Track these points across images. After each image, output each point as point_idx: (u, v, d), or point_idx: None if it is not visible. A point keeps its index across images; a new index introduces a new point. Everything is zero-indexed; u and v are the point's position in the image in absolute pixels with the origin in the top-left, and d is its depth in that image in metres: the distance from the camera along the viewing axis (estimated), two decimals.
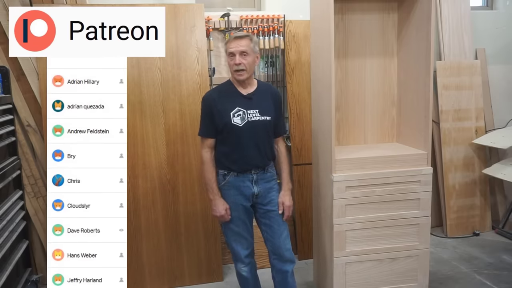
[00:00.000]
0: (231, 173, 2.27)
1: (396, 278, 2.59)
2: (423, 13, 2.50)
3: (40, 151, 3.01)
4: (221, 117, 2.21)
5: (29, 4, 2.85)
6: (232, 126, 2.20)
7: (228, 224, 2.35)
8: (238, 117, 2.20)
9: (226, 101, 2.24)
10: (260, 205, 2.33)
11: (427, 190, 2.54)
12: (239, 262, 2.42)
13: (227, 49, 2.22)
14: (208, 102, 2.26)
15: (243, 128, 2.20)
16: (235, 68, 2.19)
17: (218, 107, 2.22)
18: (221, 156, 2.29)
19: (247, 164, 2.25)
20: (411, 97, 2.68)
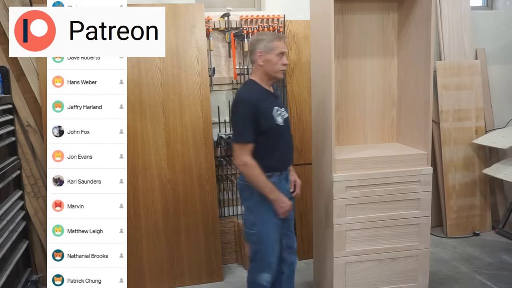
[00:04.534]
0: (274, 173, 2.23)
1: (396, 278, 2.59)
2: (423, 13, 2.50)
3: (40, 151, 3.01)
4: (266, 118, 2.15)
5: (29, 4, 2.85)
6: (277, 126, 2.18)
7: (267, 228, 2.24)
8: (279, 116, 2.20)
9: (265, 101, 2.18)
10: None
11: (427, 190, 2.54)
12: (266, 273, 2.26)
13: (276, 47, 2.17)
14: (253, 104, 2.12)
15: (283, 126, 2.23)
16: (282, 68, 2.20)
17: (263, 108, 2.15)
18: (264, 158, 2.18)
19: (289, 160, 2.33)
20: (411, 97, 2.68)
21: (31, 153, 3.01)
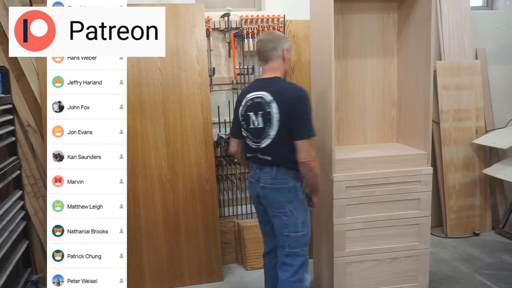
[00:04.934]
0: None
1: (396, 278, 2.59)
2: (423, 13, 2.50)
3: (40, 151, 3.01)
4: None
5: (29, 4, 2.85)
6: None
7: (309, 225, 2.25)
8: None
9: None
10: None
11: (427, 190, 2.54)
12: (308, 270, 2.26)
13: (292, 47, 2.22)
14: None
15: None
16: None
17: None
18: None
19: None
20: (411, 97, 2.68)
21: (31, 153, 3.01)
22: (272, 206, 2.17)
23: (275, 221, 2.20)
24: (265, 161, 2.15)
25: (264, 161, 2.16)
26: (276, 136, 2.09)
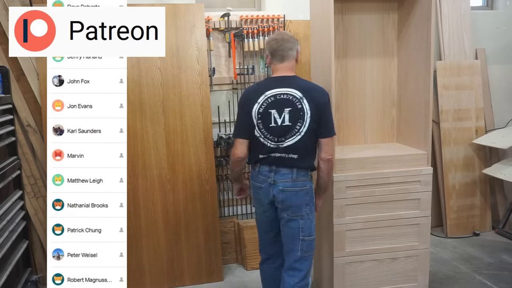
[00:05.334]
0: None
1: (396, 278, 2.59)
2: (423, 13, 2.50)
3: (40, 151, 3.01)
4: None
5: (29, 4, 2.85)
6: None
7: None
8: None
9: None
10: None
11: (427, 190, 2.54)
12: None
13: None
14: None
15: None
16: None
17: None
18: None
19: None
20: (411, 97, 2.68)
21: (31, 153, 3.01)
22: (290, 209, 2.14)
23: (290, 225, 2.16)
24: (284, 161, 2.11)
25: (282, 161, 2.12)
26: (306, 133, 2.10)
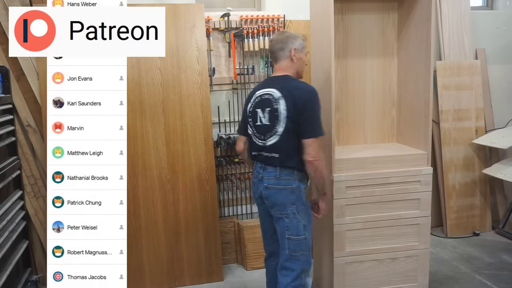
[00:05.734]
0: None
1: (396, 278, 2.59)
2: (423, 13, 2.50)
3: (40, 151, 3.01)
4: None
5: (29, 4, 2.85)
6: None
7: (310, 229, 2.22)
8: None
9: None
10: None
11: (427, 190, 2.54)
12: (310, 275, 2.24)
13: (306, 47, 2.23)
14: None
15: None
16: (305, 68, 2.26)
17: None
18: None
19: None
20: (411, 97, 2.68)
21: (31, 153, 3.01)
22: (275, 207, 2.16)
23: (278, 223, 2.18)
24: (270, 160, 2.13)
25: (268, 160, 2.14)
26: (284, 133, 2.08)
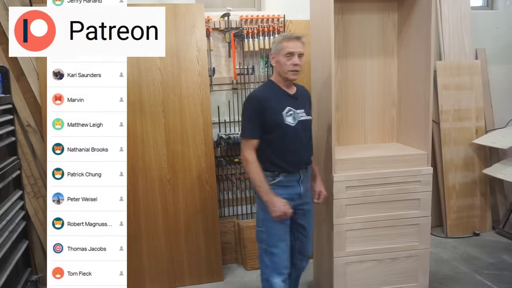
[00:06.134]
0: (281, 174, 2.20)
1: (396, 278, 2.59)
2: (423, 13, 2.50)
3: (40, 151, 3.01)
4: (273, 117, 2.15)
5: (29, 4, 2.85)
6: (286, 126, 2.16)
7: (274, 228, 2.21)
8: (290, 116, 2.18)
9: (276, 100, 2.19)
10: (300, 205, 2.28)
11: (427, 190, 2.54)
12: (275, 275, 2.21)
13: (284, 47, 2.18)
14: (259, 102, 2.16)
15: (295, 127, 2.18)
16: (292, 68, 2.17)
17: (270, 107, 2.15)
18: (272, 156, 2.18)
19: (300, 163, 2.23)
20: (411, 97, 2.68)
21: (31, 153, 3.01)
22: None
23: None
24: None
25: None
26: None
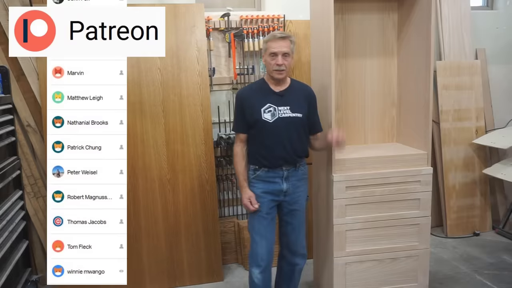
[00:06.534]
0: (262, 168, 2.29)
1: (396, 278, 2.59)
2: (423, 13, 2.50)
3: (40, 151, 3.01)
4: (252, 113, 2.25)
5: (29, 4, 2.85)
6: (263, 122, 2.23)
7: (252, 221, 2.34)
8: (268, 113, 2.23)
9: (257, 97, 2.27)
10: (286, 204, 2.34)
11: (427, 190, 2.54)
12: (254, 266, 2.34)
13: (268, 47, 2.22)
14: (239, 99, 2.31)
15: (273, 124, 2.23)
16: (275, 68, 2.21)
17: (249, 103, 2.26)
18: (253, 151, 2.32)
19: (277, 159, 2.27)
20: (411, 97, 2.68)
21: (31, 153, 3.01)
22: None
23: None
24: None
25: None
26: None
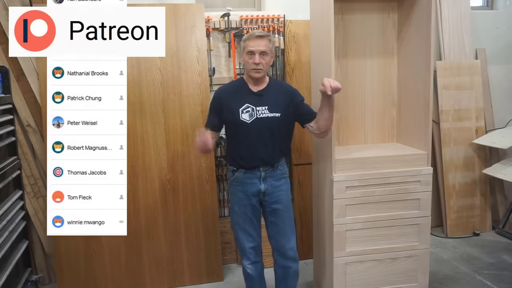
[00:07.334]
0: (240, 170, 2.30)
1: (396, 278, 2.59)
2: (423, 13, 2.50)
3: (40, 151, 3.01)
4: (230, 113, 2.25)
5: (29, 4, 2.85)
6: (241, 123, 2.22)
7: (234, 219, 2.39)
8: (246, 113, 2.22)
9: (236, 97, 2.27)
10: (267, 203, 2.34)
11: (427, 190, 2.54)
12: (244, 258, 2.42)
13: (246, 46, 2.23)
14: (217, 98, 2.33)
15: (250, 124, 2.22)
16: (253, 66, 2.21)
17: (228, 103, 2.27)
18: (231, 152, 2.34)
19: (255, 160, 2.26)
20: (411, 97, 2.68)
21: (31, 153, 3.01)
22: None
23: None
24: None
25: None
26: None
